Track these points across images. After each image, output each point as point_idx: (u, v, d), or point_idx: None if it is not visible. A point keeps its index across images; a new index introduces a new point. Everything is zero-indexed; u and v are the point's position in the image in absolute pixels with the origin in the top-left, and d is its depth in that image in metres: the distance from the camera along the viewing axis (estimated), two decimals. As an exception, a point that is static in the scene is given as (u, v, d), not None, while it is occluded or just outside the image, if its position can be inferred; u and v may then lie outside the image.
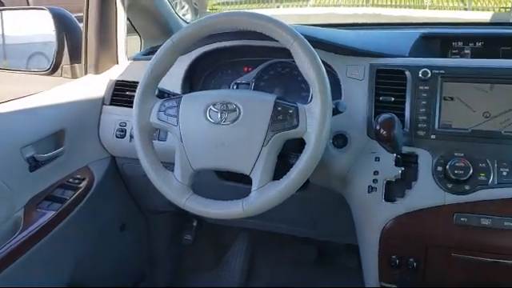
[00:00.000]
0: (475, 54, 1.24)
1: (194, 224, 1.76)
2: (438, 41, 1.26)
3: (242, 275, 1.83)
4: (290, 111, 0.95)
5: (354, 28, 1.55)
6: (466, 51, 1.25)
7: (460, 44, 1.25)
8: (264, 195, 0.94)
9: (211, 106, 0.99)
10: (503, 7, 7.39)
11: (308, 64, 0.94)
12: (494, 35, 1.26)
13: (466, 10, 7.84)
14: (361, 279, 1.21)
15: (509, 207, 0.96)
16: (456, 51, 1.25)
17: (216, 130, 0.98)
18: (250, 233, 1.87)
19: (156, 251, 1.78)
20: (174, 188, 0.99)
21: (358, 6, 8.04)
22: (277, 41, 0.97)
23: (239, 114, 0.97)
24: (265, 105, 0.97)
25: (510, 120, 1.01)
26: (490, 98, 1.03)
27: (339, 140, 1.12)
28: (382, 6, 7.97)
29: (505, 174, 0.97)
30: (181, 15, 1.64)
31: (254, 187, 0.95)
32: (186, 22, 1.64)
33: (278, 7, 8.40)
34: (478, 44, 1.24)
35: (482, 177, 0.98)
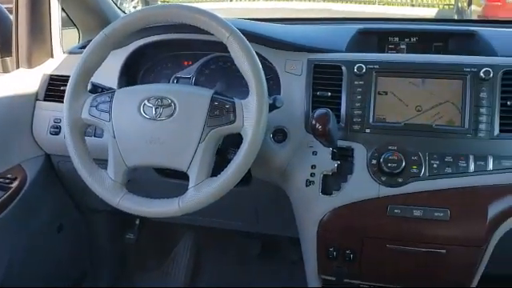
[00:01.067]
0: (410, 49, 1.27)
1: (137, 222, 1.72)
2: (375, 36, 1.28)
3: (188, 272, 1.81)
4: (227, 106, 0.94)
5: (294, 23, 1.55)
6: (402, 46, 1.28)
7: (396, 39, 1.28)
8: (201, 192, 0.92)
9: (145, 101, 0.97)
10: (447, 4, 7.72)
11: (244, 59, 0.93)
12: (427, 31, 1.29)
13: (412, 6, 8.14)
14: (304, 272, 1.22)
15: (439, 198, 1.00)
16: (392, 46, 1.28)
17: (151, 126, 0.95)
18: (195, 229, 1.85)
19: (97, 251, 1.72)
20: (106, 186, 0.96)
21: (310, 0, 8.14)
22: (213, 35, 0.95)
23: (175, 109, 0.95)
24: (201, 100, 0.95)
25: (441, 114, 1.04)
26: (421, 92, 1.06)
27: (279, 135, 1.12)
28: (333, 1, 8.12)
29: (435, 166, 1.01)
30: (131, 7, 1.59)
31: (190, 184, 0.94)
32: (125, 13, 1.58)
33: (230, 1, 8.36)
34: (413, 39, 1.27)
35: (414, 169, 1.01)
